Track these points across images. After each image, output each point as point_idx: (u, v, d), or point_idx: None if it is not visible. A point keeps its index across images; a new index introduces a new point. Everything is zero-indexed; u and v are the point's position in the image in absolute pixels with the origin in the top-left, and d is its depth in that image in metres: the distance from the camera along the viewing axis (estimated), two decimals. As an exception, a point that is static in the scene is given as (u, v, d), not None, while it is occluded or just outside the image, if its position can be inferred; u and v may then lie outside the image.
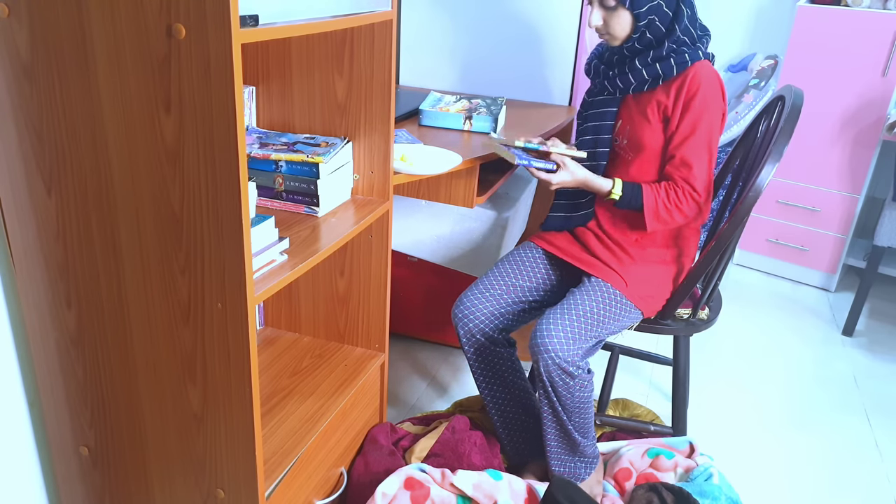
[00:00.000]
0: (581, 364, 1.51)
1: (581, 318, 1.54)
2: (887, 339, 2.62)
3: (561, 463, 1.64)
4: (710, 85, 1.52)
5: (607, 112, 1.65)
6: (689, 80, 1.52)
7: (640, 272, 1.64)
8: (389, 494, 1.47)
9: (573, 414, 1.56)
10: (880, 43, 2.57)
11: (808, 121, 2.77)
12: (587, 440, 1.62)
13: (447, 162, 1.65)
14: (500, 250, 2.14)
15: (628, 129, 1.62)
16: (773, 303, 2.84)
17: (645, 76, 1.55)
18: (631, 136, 1.61)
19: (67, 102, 1.05)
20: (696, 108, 1.52)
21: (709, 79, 1.52)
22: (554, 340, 1.48)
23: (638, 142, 1.60)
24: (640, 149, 1.60)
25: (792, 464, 1.94)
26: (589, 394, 1.55)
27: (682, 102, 1.53)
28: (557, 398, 1.53)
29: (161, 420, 1.22)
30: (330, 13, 1.20)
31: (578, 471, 1.65)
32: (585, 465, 1.66)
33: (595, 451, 1.67)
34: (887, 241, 2.48)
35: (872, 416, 2.16)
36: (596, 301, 1.58)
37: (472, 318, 1.68)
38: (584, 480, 1.66)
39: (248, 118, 1.53)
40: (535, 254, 1.76)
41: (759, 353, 2.48)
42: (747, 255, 3.11)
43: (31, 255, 1.19)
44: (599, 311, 1.57)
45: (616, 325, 1.61)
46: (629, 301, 1.61)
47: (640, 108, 1.60)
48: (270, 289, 1.13)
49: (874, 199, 3.07)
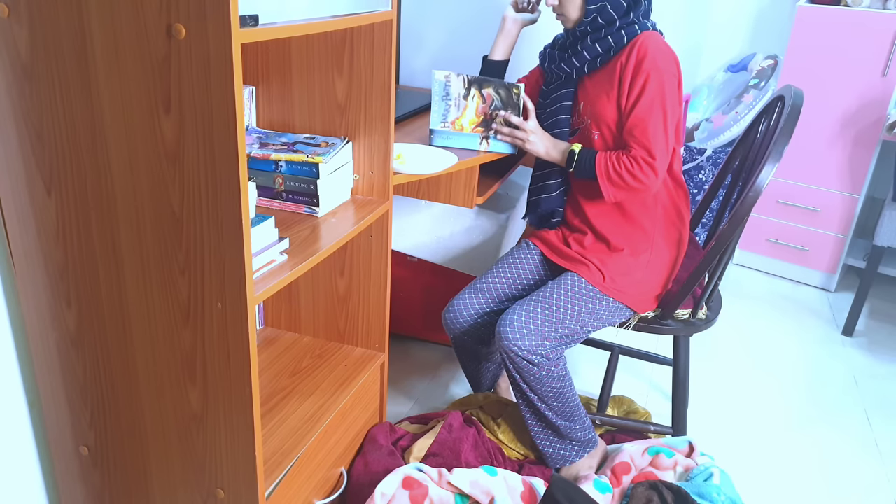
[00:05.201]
0: (545, 353, 1.54)
1: (547, 310, 1.57)
2: (887, 339, 2.62)
3: (547, 444, 1.68)
4: (658, 49, 1.53)
5: (564, 94, 1.67)
6: (638, 46, 1.53)
7: (623, 266, 1.65)
8: (388, 494, 1.48)
9: (547, 398, 1.59)
10: (880, 43, 2.57)
11: (808, 121, 2.77)
12: (573, 423, 1.64)
13: (442, 162, 1.65)
14: (499, 250, 2.14)
15: (589, 108, 1.64)
16: (773, 303, 2.84)
17: (598, 49, 1.57)
18: (593, 114, 1.63)
19: (67, 102, 1.05)
20: (645, 71, 1.52)
21: (657, 44, 1.53)
22: (515, 330, 1.53)
23: (599, 117, 1.61)
24: (602, 124, 1.61)
25: (792, 464, 1.94)
26: (559, 379, 1.57)
27: (630, 67, 1.53)
28: (525, 384, 1.58)
29: (161, 420, 1.22)
30: (330, 13, 1.20)
31: (568, 453, 1.68)
32: (576, 448, 1.68)
33: (587, 436, 1.68)
34: (887, 241, 2.48)
35: (872, 416, 2.16)
36: (565, 294, 1.60)
37: (461, 321, 1.72)
38: (574, 463, 1.68)
39: (248, 118, 1.53)
40: (530, 252, 1.78)
41: (759, 353, 2.48)
42: (747, 255, 3.11)
43: (31, 256, 1.19)
44: (569, 305, 1.59)
45: (594, 319, 1.61)
46: (607, 296, 1.62)
47: (597, 83, 1.62)
48: (270, 289, 1.13)
49: (874, 199, 3.07)
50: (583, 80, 1.66)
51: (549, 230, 1.78)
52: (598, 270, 1.63)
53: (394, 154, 1.57)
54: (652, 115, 1.52)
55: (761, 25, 3.06)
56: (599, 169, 1.56)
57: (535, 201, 1.77)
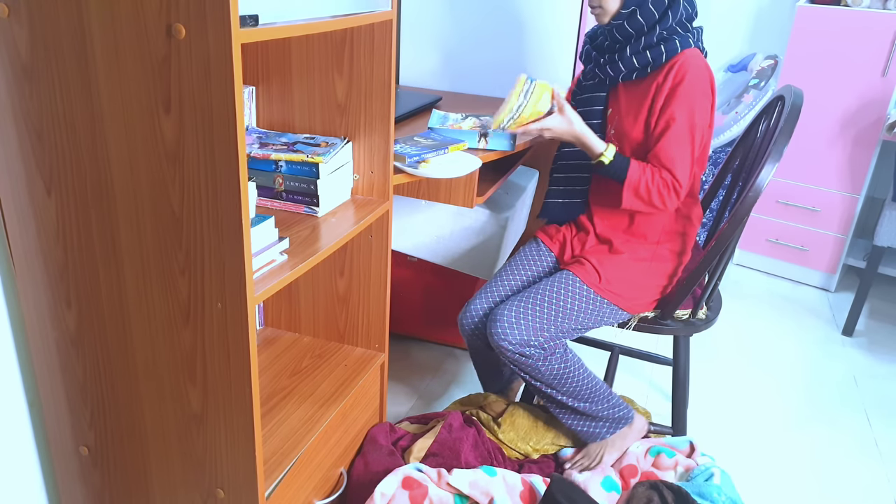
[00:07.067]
0: (537, 344, 1.54)
1: (538, 306, 1.57)
2: (887, 339, 2.62)
3: (573, 423, 1.68)
4: (698, 74, 1.49)
5: (597, 97, 1.65)
6: (677, 68, 1.50)
7: (622, 269, 1.64)
8: (388, 494, 1.48)
9: (555, 385, 1.60)
10: (880, 43, 2.57)
11: (808, 121, 2.77)
12: (593, 404, 1.64)
13: (467, 165, 1.63)
14: (499, 250, 2.14)
15: (616, 119, 1.62)
16: (773, 303, 2.84)
17: (635, 64, 1.54)
18: (618, 127, 1.61)
19: (67, 102, 1.05)
20: (681, 96, 1.49)
21: (697, 67, 1.49)
22: (505, 325, 1.55)
23: (623, 132, 1.60)
24: (623, 138, 1.60)
25: (792, 464, 1.94)
26: (561, 366, 1.57)
27: (666, 89, 1.51)
28: (527, 374, 1.60)
29: (161, 420, 1.22)
30: (330, 13, 1.20)
31: (598, 430, 1.68)
32: (606, 424, 1.68)
33: (616, 414, 1.67)
34: (887, 241, 2.48)
35: (872, 416, 2.16)
36: (558, 292, 1.59)
37: (477, 324, 1.71)
38: (606, 439, 1.70)
39: (248, 118, 1.53)
40: (540, 249, 1.78)
41: (759, 353, 2.48)
42: (747, 255, 3.11)
43: (31, 256, 1.19)
44: (562, 303, 1.59)
45: (587, 319, 1.61)
46: (601, 297, 1.62)
47: (631, 97, 1.59)
48: (270, 289, 1.13)
49: (874, 199, 3.07)
50: (617, 88, 1.63)
51: (557, 225, 1.78)
52: (594, 270, 1.63)
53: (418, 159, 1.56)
54: (682, 144, 1.51)
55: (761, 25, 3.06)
56: (631, 178, 1.53)
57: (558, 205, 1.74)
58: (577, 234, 1.72)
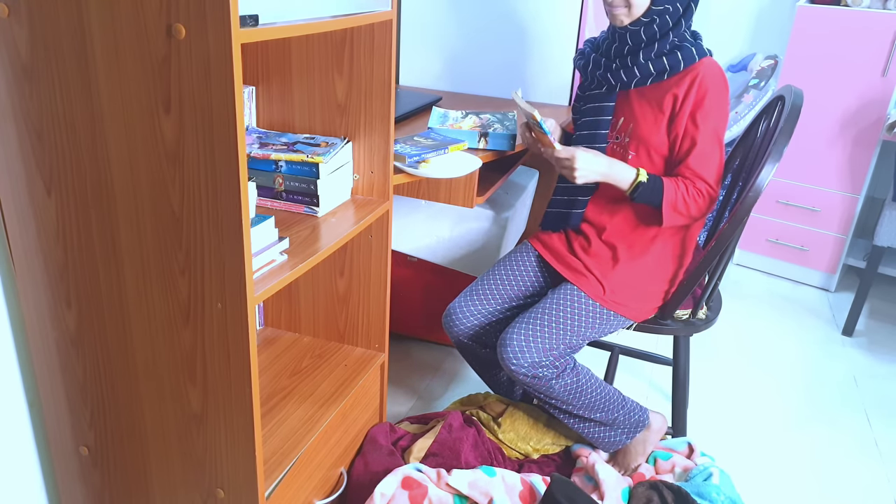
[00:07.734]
0: (548, 364, 1.53)
1: (546, 326, 1.56)
2: (887, 339, 2.62)
3: (595, 435, 1.68)
4: (720, 86, 1.52)
5: (605, 107, 1.61)
6: (700, 81, 1.50)
7: (626, 278, 1.63)
8: (388, 494, 1.48)
9: (570, 402, 1.59)
10: (880, 43, 2.57)
11: (808, 121, 2.77)
12: (608, 413, 1.63)
13: (467, 165, 1.63)
14: (499, 250, 2.14)
15: (630, 125, 1.59)
16: (773, 303, 2.84)
17: (651, 70, 1.52)
18: (634, 133, 1.58)
19: (67, 102, 1.05)
20: (706, 109, 1.50)
21: (717, 77, 1.52)
22: (516, 348, 1.53)
23: (643, 139, 1.57)
24: (644, 145, 1.57)
25: (792, 464, 1.94)
26: (572, 382, 1.57)
27: (692, 100, 1.51)
28: (541, 394, 1.58)
29: (161, 420, 1.22)
30: (330, 13, 1.20)
31: (617, 438, 1.68)
32: (623, 431, 1.68)
33: (632, 419, 1.67)
34: (887, 241, 2.48)
35: (872, 416, 2.16)
36: (565, 309, 1.59)
37: (461, 326, 1.71)
38: (626, 444, 1.70)
39: (248, 118, 1.53)
40: (530, 256, 1.76)
41: (759, 353, 2.48)
42: (747, 255, 3.11)
43: (31, 256, 1.19)
44: (569, 319, 1.58)
45: (593, 331, 1.61)
46: (608, 310, 1.61)
47: (646, 102, 1.57)
48: (270, 289, 1.13)
49: (874, 199, 3.07)
50: (626, 95, 1.60)
51: (553, 232, 1.75)
52: (598, 283, 1.61)
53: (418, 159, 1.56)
54: (711, 152, 1.52)
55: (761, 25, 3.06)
56: (668, 198, 1.51)
57: (560, 215, 1.71)
58: (579, 239, 1.69)
